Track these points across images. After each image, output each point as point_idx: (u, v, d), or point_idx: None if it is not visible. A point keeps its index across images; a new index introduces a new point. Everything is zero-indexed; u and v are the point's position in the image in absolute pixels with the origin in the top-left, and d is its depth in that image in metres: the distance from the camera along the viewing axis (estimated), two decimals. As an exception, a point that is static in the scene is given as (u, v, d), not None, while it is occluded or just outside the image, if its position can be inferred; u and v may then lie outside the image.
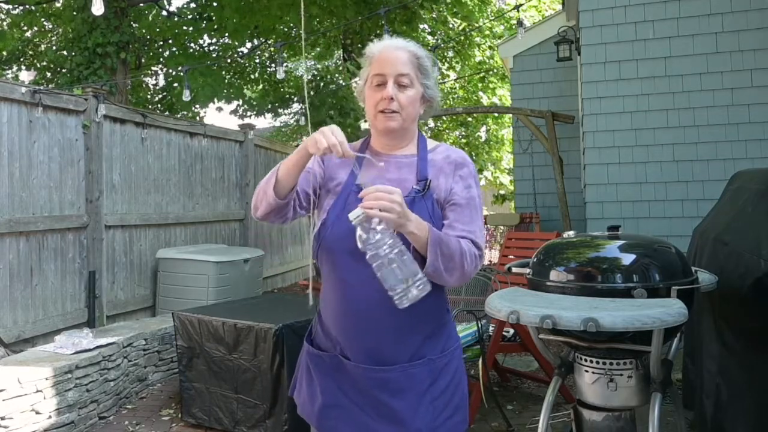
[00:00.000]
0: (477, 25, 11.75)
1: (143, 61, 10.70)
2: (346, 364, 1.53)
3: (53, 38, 10.68)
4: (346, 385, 1.54)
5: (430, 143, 1.66)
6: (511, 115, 8.80)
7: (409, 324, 1.50)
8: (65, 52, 8.97)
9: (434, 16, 11.22)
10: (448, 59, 13.02)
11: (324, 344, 1.60)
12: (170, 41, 10.16)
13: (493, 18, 12.15)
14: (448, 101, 13.30)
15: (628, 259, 2.17)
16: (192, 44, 10.38)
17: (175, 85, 9.98)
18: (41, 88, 5.26)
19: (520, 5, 8.87)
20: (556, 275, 2.18)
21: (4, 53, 10.03)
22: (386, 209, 1.34)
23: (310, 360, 1.62)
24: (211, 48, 10.75)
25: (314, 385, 1.60)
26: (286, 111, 14.07)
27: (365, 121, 12.60)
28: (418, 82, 1.56)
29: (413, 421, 1.49)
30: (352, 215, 1.36)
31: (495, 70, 13.02)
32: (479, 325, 3.37)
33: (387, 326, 1.49)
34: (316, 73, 12.30)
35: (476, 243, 1.53)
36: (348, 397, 1.54)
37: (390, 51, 1.56)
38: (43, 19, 10.10)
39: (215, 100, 10.04)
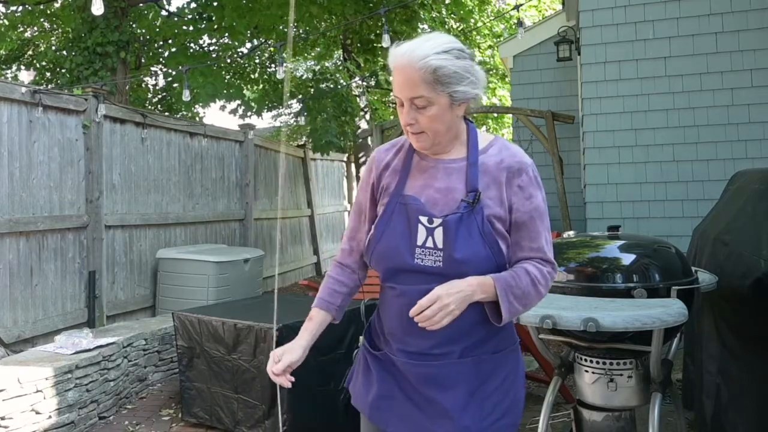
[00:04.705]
0: (473, 26, 11.75)
1: (143, 61, 10.69)
2: (395, 361, 1.52)
3: (53, 38, 10.67)
4: (401, 379, 1.52)
5: (483, 139, 1.53)
6: (511, 115, 8.80)
7: (458, 333, 1.47)
8: (65, 52, 8.96)
9: (434, 16, 11.22)
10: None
11: (378, 342, 1.60)
12: (170, 41, 10.14)
13: (492, 18, 12.14)
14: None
15: (628, 259, 2.17)
16: (192, 44, 10.36)
17: (175, 85, 9.97)
18: (41, 88, 5.26)
19: (520, 5, 8.87)
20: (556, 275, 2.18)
21: (3, 53, 10.01)
22: (447, 316, 1.35)
23: (368, 354, 1.61)
24: (211, 48, 10.74)
25: (371, 375, 1.58)
26: (286, 111, 14.07)
27: (365, 120, 12.60)
28: (439, 96, 1.40)
29: (461, 419, 1.46)
30: None
31: (495, 70, 13.01)
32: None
33: (428, 335, 1.44)
34: (314, 72, 12.30)
35: (545, 259, 1.49)
36: (403, 390, 1.52)
37: (399, 71, 1.41)
38: (42, 19, 10.09)
39: (216, 99, 10.03)
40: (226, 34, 9.66)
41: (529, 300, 1.45)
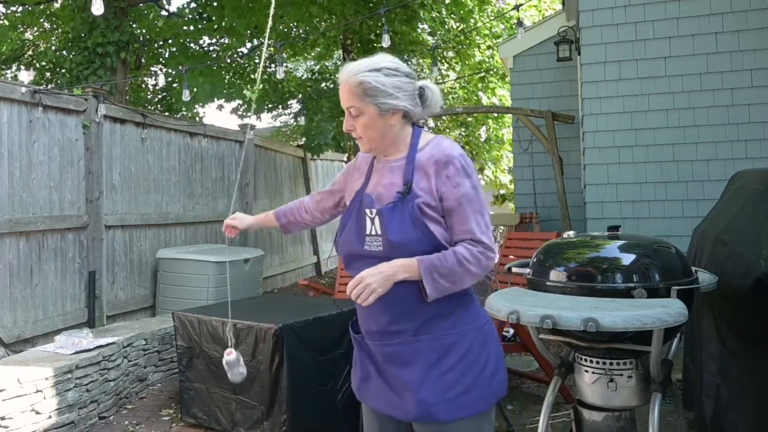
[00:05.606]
0: (473, 26, 11.75)
1: (143, 61, 10.68)
2: (368, 344, 1.74)
3: (53, 38, 10.66)
4: (374, 359, 1.74)
5: (423, 140, 1.74)
6: (511, 115, 8.80)
7: (399, 313, 1.65)
8: (65, 52, 8.96)
9: (434, 16, 11.21)
10: (447, 59, 13.01)
11: (359, 328, 1.81)
12: (170, 41, 10.14)
13: (492, 18, 12.14)
14: (448, 101, 13.30)
15: (628, 259, 2.17)
16: (192, 44, 10.36)
17: (175, 85, 9.96)
18: (41, 88, 5.25)
19: (520, 5, 8.87)
20: (556, 275, 2.18)
21: (3, 52, 10.00)
22: (370, 294, 1.56)
23: (354, 340, 1.84)
24: (211, 48, 10.74)
25: (357, 360, 1.83)
26: (285, 111, 14.06)
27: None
28: (368, 106, 1.65)
29: (419, 391, 1.62)
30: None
31: (495, 70, 13.00)
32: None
33: (381, 314, 1.67)
34: (313, 72, 12.31)
35: (476, 240, 1.62)
36: (376, 369, 1.74)
37: (340, 84, 1.69)
38: (42, 19, 10.08)
39: (215, 99, 10.03)
40: (226, 35, 9.66)
41: (456, 278, 1.60)
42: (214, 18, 9.17)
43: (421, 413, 1.62)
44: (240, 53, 10.90)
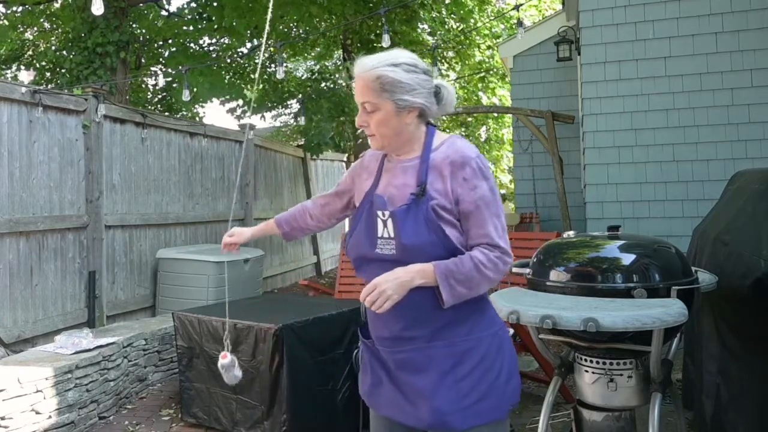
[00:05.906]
0: (473, 26, 11.75)
1: (143, 61, 10.68)
2: (379, 350, 1.68)
3: (53, 38, 10.66)
4: (385, 366, 1.68)
5: (438, 139, 1.68)
6: (511, 115, 8.80)
7: (414, 319, 1.59)
8: (65, 52, 8.95)
9: (434, 16, 11.22)
10: (448, 59, 13.01)
11: (369, 333, 1.75)
12: (170, 41, 10.14)
13: (492, 18, 12.14)
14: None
15: (628, 259, 2.17)
16: (192, 44, 10.36)
17: (175, 85, 9.96)
18: (41, 88, 5.25)
19: (520, 5, 8.87)
20: (556, 275, 2.19)
21: (3, 53, 10.00)
22: (386, 301, 1.50)
23: (363, 345, 1.78)
24: (211, 48, 10.74)
25: (367, 366, 1.76)
26: (285, 111, 14.06)
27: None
28: (385, 102, 1.60)
29: (433, 399, 1.57)
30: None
31: (495, 70, 13.01)
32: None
33: (394, 320, 1.61)
34: (312, 72, 12.30)
35: (493, 244, 1.57)
36: (388, 376, 1.68)
37: (356, 79, 1.63)
38: (42, 19, 10.08)
39: (212, 98, 10.03)
40: (226, 35, 9.65)
41: (473, 283, 1.55)
42: (214, 18, 9.17)
43: (436, 421, 1.57)
44: (240, 53, 10.89)
